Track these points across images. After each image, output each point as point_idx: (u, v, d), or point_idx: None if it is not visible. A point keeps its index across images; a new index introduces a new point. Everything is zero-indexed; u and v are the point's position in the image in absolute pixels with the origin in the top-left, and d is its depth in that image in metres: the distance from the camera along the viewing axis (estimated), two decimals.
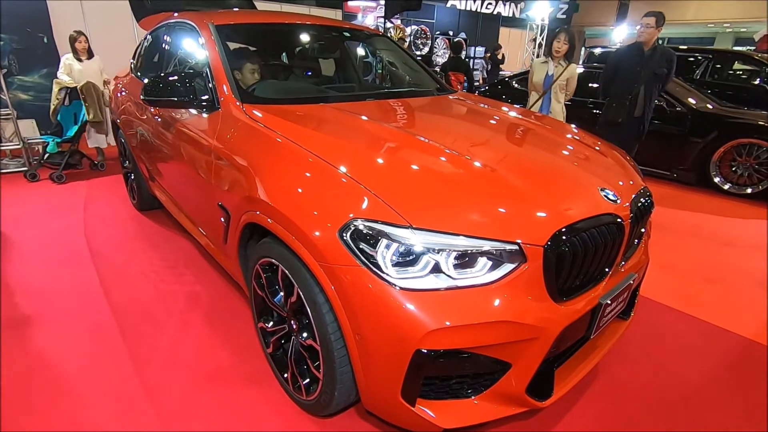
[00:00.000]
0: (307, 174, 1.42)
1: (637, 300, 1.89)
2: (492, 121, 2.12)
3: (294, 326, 1.59)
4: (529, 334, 1.23)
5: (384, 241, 1.19)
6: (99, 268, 2.71)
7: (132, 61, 3.47)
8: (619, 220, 1.41)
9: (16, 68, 5.78)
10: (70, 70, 4.69)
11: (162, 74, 1.96)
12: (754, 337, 2.23)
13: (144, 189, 3.36)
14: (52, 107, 4.68)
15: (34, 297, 2.38)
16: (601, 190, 1.46)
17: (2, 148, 4.83)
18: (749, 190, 4.52)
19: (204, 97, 2.00)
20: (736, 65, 7.65)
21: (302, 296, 1.41)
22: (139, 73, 3.19)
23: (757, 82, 6.99)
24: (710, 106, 4.90)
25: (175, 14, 2.89)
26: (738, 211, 4.18)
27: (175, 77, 1.94)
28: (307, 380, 1.58)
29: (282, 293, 1.59)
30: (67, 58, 4.75)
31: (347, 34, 2.97)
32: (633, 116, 3.81)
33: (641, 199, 1.60)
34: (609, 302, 1.43)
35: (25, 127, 5.05)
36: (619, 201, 1.45)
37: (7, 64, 5.66)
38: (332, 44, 2.90)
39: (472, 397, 1.31)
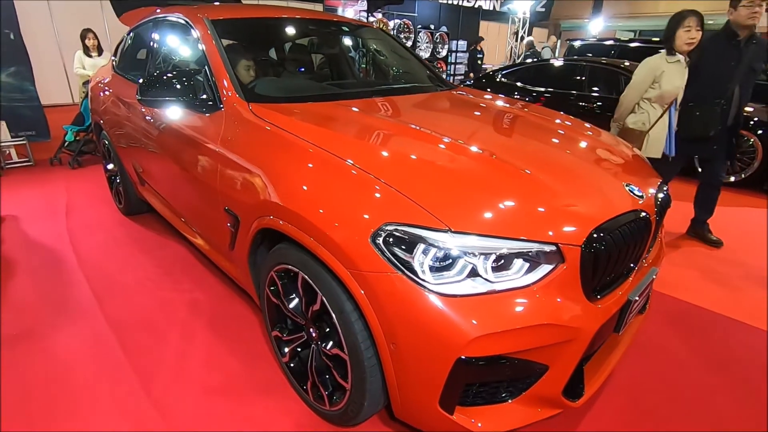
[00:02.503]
0: (332, 177, 1.35)
1: (651, 293, 1.90)
2: (506, 118, 2.08)
3: (314, 334, 1.53)
4: (568, 336, 1.20)
5: (421, 246, 1.14)
6: (89, 277, 2.57)
7: (113, 58, 3.31)
8: (646, 215, 1.41)
9: None
10: (83, 65, 5.21)
11: (158, 73, 1.85)
12: (757, 324, 2.28)
13: (132, 193, 3.21)
14: (81, 99, 5.17)
15: (22, 312, 2.24)
16: (626, 185, 1.45)
17: None
18: (732, 179, 4.65)
19: (203, 96, 1.90)
20: None
21: (327, 304, 1.35)
22: (123, 72, 3.03)
23: None
24: None
25: (158, 10, 2.76)
26: (722, 200, 4.29)
27: (174, 76, 1.84)
28: (330, 390, 1.52)
29: (300, 301, 1.53)
30: (78, 55, 5.24)
31: (347, 29, 2.88)
32: (725, 126, 2.90)
33: (661, 193, 1.60)
34: (637, 298, 1.42)
35: None
36: (644, 196, 1.44)
37: None
38: (332, 39, 2.81)
39: (509, 401, 1.28)
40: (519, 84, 6.32)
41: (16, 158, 4.98)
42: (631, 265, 1.45)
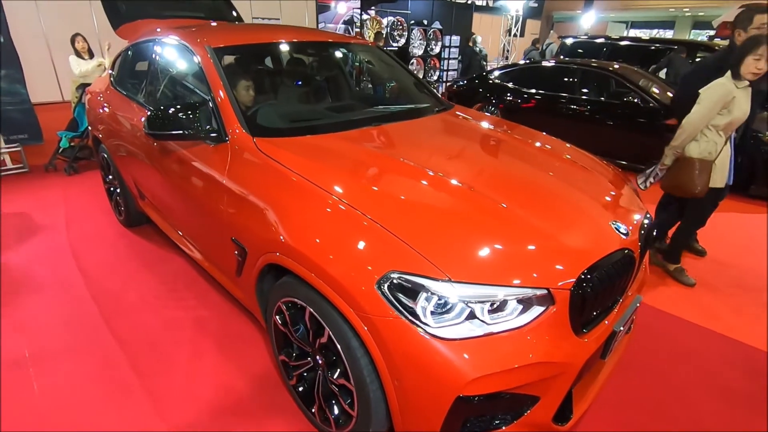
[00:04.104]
0: (337, 221, 1.44)
1: (636, 315, 2.01)
2: (494, 146, 2.17)
3: (320, 362, 1.63)
4: (558, 370, 1.31)
5: (423, 294, 1.23)
6: (95, 295, 2.63)
7: (111, 72, 3.32)
8: (630, 252, 1.51)
9: None
10: (80, 69, 5.19)
11: (164, 107, 1.90)
12: (751, 341, 2.39)
13: (132, 206, 3.26)
14: (73, 104, 5.22)
15: (31, 332, 2.30)
16: (612, 223, 1.55)
17: None
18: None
19: (208, 127, 1.96)
20: (694, 55, 7.91)
21: (334, 339, 1.44)
22: (121, 88, 3.05)
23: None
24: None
25: (158, 29, 2.78)
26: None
27: (179, 109, 1.89)
28: (337, 414, 1.62)
29: (307, 331, 1.61)
30: (73, 59, 5.19)
31: (345, 50, 2.93)
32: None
33: (645, 226, 1.71)
34: (621, 328, 1.53)
35: None
36: (629, 234, 1.55)
37: None
38: (330, 60, 2.86)
39: (503, 428, 1.39)
40: (511, 85, 6.38)
41: (10, 164, 4.96)
42: (618, 297, 1.56)
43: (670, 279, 2.99)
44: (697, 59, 7.74)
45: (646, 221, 1.75)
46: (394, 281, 1.25)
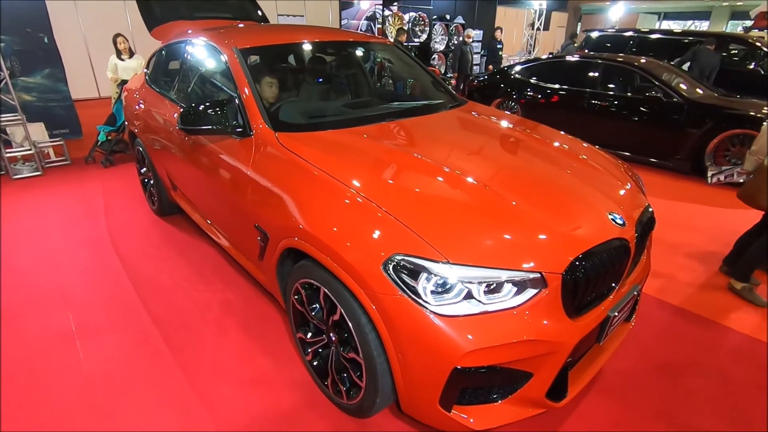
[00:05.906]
0: (349, 209, 1.58)
1: (638, 305, 2.08)
2: (505, 143, 2.26)
3: (333, 338, 1.78)
4: (549, 349, 1.42)
5: (424, 275, 1.36)
6: (132, 277, 2.87)
7: (146, 70, 3.55)
8: (625, 242, 1.59)
9: (19, 70, 5.80)
10: (116, 69, 5.54)
11: (194, 105, 2.08)
12: (752, 333, 2.42)
13: (164, 196, 3.49)
14: (113, 100, 5.60)
15: (77, 309, 2.55)
16: (609, 214, 1.63)
17: (13, 153, 4.90)
18: (742, 180, 4.69)
19: (234, 123, 2.13)
20: (728, 48, 7.65)
21: (345, 316, 1.58)
22: (156, 86, 3.27)
23: (752, 66, 7.09)
24: (703, 94, 5.06)
25: (189, 30, 2.98)
26: (731, 201, 4.35)
27: (209, 106, 2.06)
28: (348, 386, 1.77)
29: (322, 310, 1.77)
30: (112, 59, 5.53)
31: (363, 49, 3.05)
32: None
33: (644, 218, 1.78)
34: (616, 314, 1.62)
35: (34, 131, 5.11)
36: (625, 224, 1.62)
37: (10, 66, 5.67)
38: (350, 59, 3.00)
39: (499, 402, 1.51)
40: (533, 81, 6.35)
41: (54, 157, 5.33)
42: (612, 284, 1.65)
43: (669, 269, 3.01)
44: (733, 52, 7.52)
45: (644, 218, 1.81)
46: (399, 262, 1.38)
